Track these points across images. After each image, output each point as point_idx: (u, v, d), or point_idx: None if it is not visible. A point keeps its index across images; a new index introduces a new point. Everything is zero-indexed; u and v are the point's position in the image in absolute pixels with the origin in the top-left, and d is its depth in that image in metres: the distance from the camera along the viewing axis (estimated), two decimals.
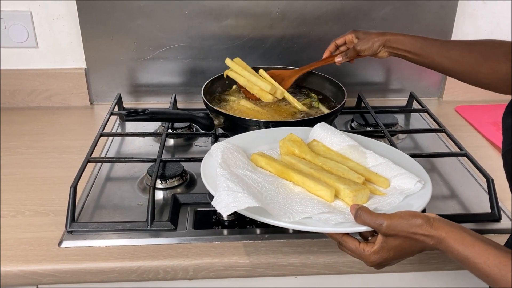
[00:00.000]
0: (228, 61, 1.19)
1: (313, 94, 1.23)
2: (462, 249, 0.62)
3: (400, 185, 0.82)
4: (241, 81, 1.17)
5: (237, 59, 1.20)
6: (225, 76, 1.20)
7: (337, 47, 1.11)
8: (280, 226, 0.71)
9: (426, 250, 0.68)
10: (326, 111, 1.15)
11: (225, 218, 0.90)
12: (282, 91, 1.15)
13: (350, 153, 0.90)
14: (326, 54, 1.12)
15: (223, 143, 0.89)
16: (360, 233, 0.75)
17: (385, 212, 0.70)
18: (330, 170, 0.84)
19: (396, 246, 0.68)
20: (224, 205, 0.70)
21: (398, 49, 0.98)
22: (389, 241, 0.68)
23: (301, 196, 0.79)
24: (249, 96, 1.18)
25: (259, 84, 1.14)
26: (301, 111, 1.15)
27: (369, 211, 0.70)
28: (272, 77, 1.19)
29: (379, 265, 0.71)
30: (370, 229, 0.70)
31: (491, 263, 0.60)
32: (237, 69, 1.17)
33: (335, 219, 0.72)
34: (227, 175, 0.77)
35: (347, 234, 0.72)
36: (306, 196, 0.79)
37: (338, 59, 1.08)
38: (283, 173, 0.84)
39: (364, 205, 0.75)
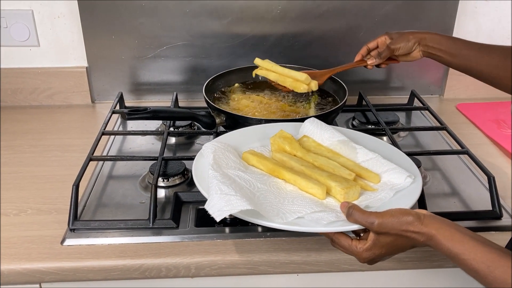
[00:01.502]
0: (257, 60, 1.18)
1: (315, 95, 1.22)
2: (451, 245, 0.63)
3: (390, 180, 0.82)
4: (271, 76, 1.15)
5: (267, 60, 1.19)
6: (253, 75, 1.20)
7: (369, 51, 1.07)
8: (272, 227, 0.72)
9: (417, 246, 0.68)
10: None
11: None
12: (316, 82, 1.12)
13: (340, 148, 0.90)
14: (357, 58, 1.08)
15: (214, 142, 0.88)
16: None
17: (376, 209, 0.71)
18: (321, 167, 0.84)
19: (388, 243, 0.69)
20: (217, 209, 0.71)
21: (433, 48, 0.96)
22: (381, 239, 0.68)
23: (293, 195, 0.79)
24: (280, 88, 1.15)
25: (293, 75, 1.12)
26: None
27: (361, 210, 0.70)
28: None
29: (372, 261, 0.72)
30: (362, 227, 0.70)
31: (479, 260, 0.61)
32: (268, 66, 1.16)
33: (327, 218, 0.73)
34: (219, 177, 0.77)
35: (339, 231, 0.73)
36: (298, 195, 0.79)
37: (370, 61, 1.05)
38: (274, 172, 0.84)
39: (356, 202, 0.76)
